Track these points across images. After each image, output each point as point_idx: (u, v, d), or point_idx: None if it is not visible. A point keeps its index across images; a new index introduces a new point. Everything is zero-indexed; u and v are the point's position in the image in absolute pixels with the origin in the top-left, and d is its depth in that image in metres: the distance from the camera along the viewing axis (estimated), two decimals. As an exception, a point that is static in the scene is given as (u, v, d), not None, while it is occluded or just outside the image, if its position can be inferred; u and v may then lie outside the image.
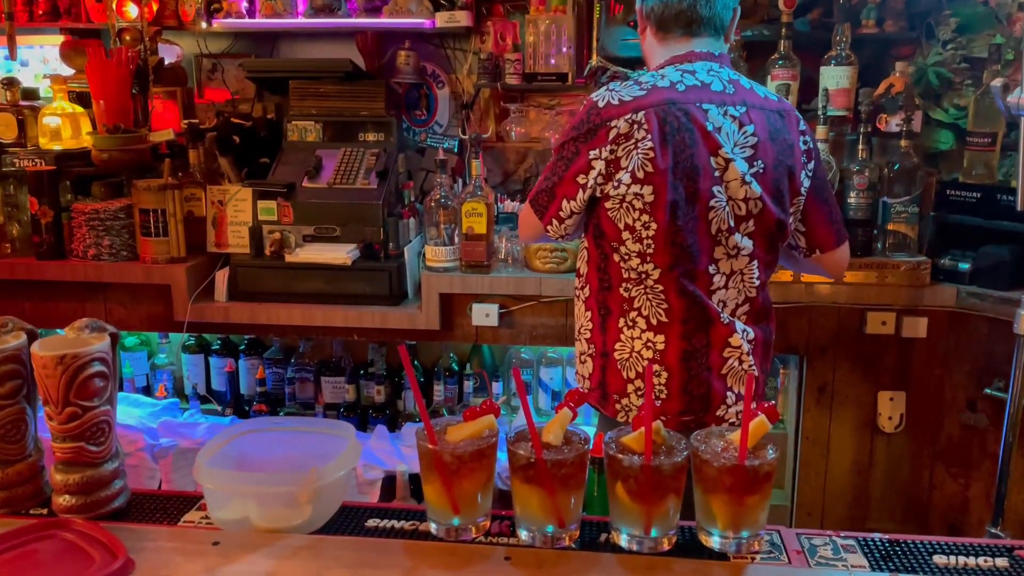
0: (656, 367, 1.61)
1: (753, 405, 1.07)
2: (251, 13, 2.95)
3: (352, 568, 1.02)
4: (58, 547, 1.06)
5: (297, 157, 2.81)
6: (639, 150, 1.53)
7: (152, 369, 3.20)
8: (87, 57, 2.74)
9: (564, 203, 1.62)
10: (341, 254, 2.61)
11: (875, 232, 2.49)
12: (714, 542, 1.08)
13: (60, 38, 3.08)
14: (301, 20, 2.93)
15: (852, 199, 2.45)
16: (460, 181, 2.92)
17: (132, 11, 2.85)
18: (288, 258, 2.66)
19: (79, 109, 2.85)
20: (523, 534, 1.10)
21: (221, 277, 2.71)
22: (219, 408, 3.09)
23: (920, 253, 2.44)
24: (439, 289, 2.57)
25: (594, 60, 2.64)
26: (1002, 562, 1.06)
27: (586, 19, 2.83)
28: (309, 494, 1.11)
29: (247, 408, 3.06)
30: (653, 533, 1.07)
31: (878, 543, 1.10)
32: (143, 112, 2.90)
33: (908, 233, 2.43)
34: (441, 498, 1.09)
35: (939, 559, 1.06)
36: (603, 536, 1.11)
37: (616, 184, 1.55)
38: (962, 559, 1.06)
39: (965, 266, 2.40)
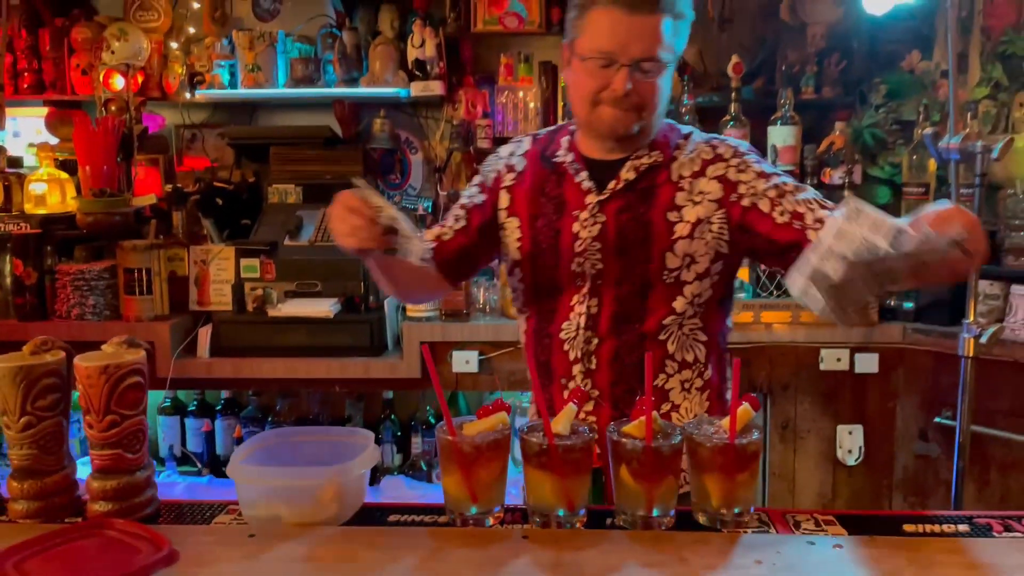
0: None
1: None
2: (233, 84, 3.10)
3: (383, 550, 1.11)
4: (103, 542, 1.13)
5: (278, 218, 2.92)
6: None
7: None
8: (74, 126, 2.86)
9: None
10: (323, 307, 2.71)
11: (826, 276, 2.68)
12: (707, 519, 1.19)
13: (44, 110, 3.19)
14: (282, 91, 3.09)
15: (803, 246, 2.64)
16: (435, 239, 3.06)
17: (118, 83, 2.98)
18: (271, 313, 2.74)
19: (64, 175, 2.94)
20: (536, 520, 1.20)
21: (204, 333, 2.78)
22: (197, 467, 3.11)
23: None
24: (420, 338, 2.68)
25: (561, 122, 2.84)
26: (963, 527, 1.19)
27: (551, 86, 3.05)
28: (335, 490, 1.20)
29: (224, 468, 3.08)
30: (655, 512, 1.18)
31: (854, 517, 1.22)
32: (127, 178, 3.00)
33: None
34: (460, 488, 1.18)
35: (908, 527, 1.19)
36: (608, 520, 1.22)
37: None
38: (928, 526, 1.19)
39: (910, 305, 2.60)
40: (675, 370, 1.51)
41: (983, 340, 1.93)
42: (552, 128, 1.65)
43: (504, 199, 1.58)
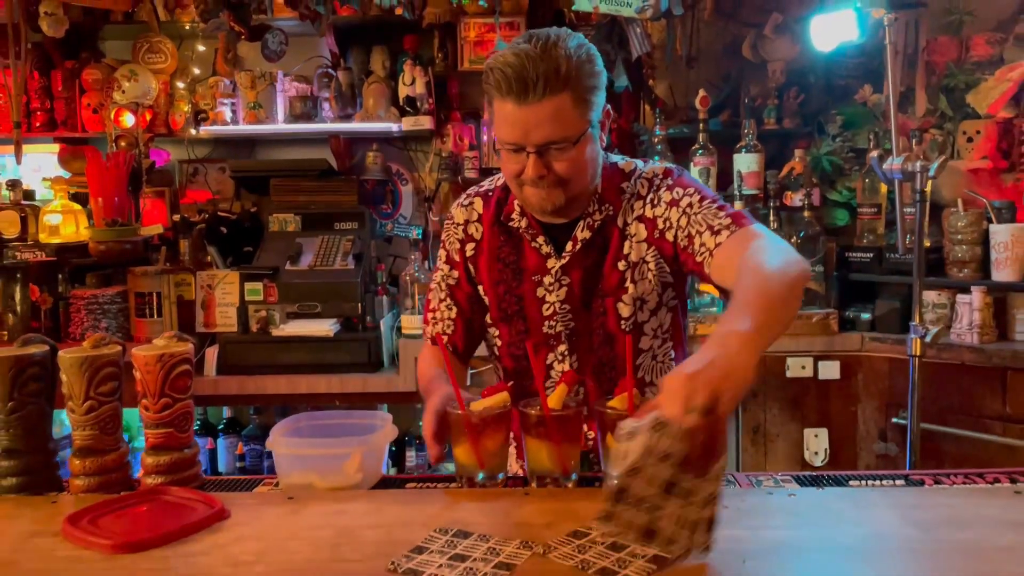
0: None
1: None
2: (235, 121, 3.31)
3: (406, 505, 1.30)
4: (163, 505, 1.31)
5: (279, 245, 3.12)
6: None
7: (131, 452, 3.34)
8: (87, 160, 3.05)
9: None
10: (324, 327, 2.89)
11: (790, 291, 2.92)
12: (684, 479, 1.39)
13: (55, 147, 3.38)
14: (281, 126, 3.30)
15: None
16: (426, 262, 3.26)
17: (128, 120, 3.18)
18: (274, 333, 2.92)
19: (77, 207, 3.12)
20: (535, 483, 1.39)
21: (211, 353, 2.95)
22: (201, 483, 3.24)
23: (828, 306, 2.88)
24: (415, 353, 2.86)
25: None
26: (900, 482, 1.40)
27: (534, 120, 3.28)
28: (360, 459, 1.39)
29: (228, 482, 3.22)
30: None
31: (807, 476, 1.42)
32: (135, 209, 3.19)
33: (817, 289, 2.86)
34: (469, 456, 1.37)
35: (854, 483, 1.40)
36: (597, 484, 1.41)
37: None
38: (871, 482, 1.40)
39: (867, 315, 2.83)
40: (653, 395, 1.55)
41: (927, 339, 2.14)
42: (501, 183, 1.60)
43: (471, 270, 1.62)
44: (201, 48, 3.36)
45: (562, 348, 1.58)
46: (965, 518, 1.20)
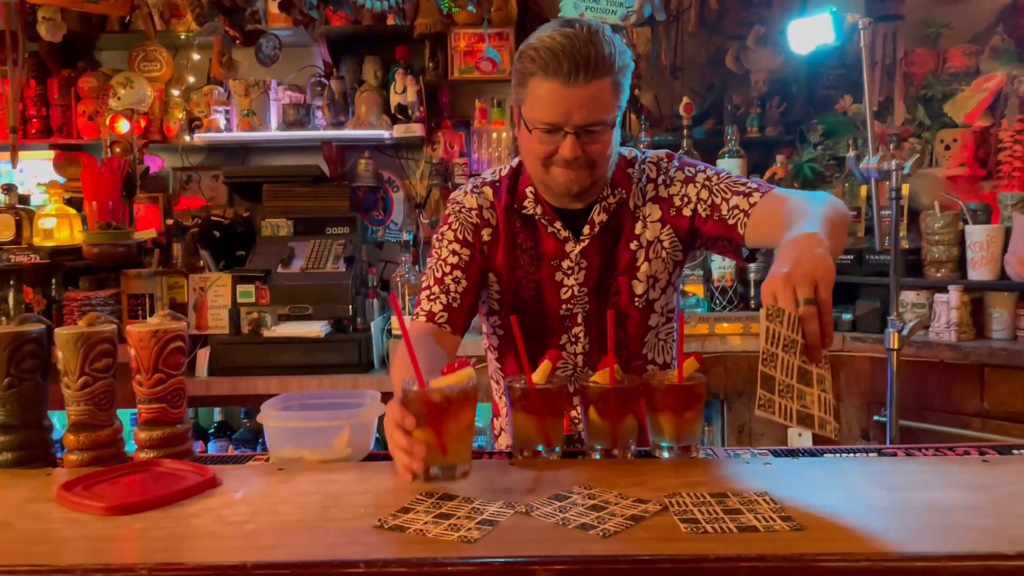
0: None
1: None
2: (228, 128, 3.37)
3: (394, 474, 1.33)
4: (156, 474, 1.34)
5: (271, 249, 3.16)
6: None
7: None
8: (81, 165, 3.09)
9: None
10: (315, 328, 2.93)
11: (773, 293, 2.97)
12: (663, 453, 1.43)
13: (50, 153, 3.42)
14: (274, 133, 3.36)
15: (752, 264, 2.94)
16: (417, 266, 3.31)
17: (123, 126, 3.23)
18: (265, 334, 2.96)
19: (72, 211, 3.16)
20: (520, 455, 1.43)
21: (202, 355, 2.98)
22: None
23: (810, 307, 2.93)
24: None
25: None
26: (873, 455, 1.44)
27: (523, 127, 3.35)
28: (349, 433, 1.42)
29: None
30: (619, 446, 1.42)
31: (782, 449, 1.47)
32: (129, 214, 3.23)
33: (799, 290, 2.91)
34: (428, 440, 1.21)
35: (828, 456, 1.44)
36: (579, 457, 1.45)
37: None
38: (846, 455, 1.44)
39: (848, 316, 2.89)
40: (646, 371, 1.65)
41: (904, 332, 2.20)
42: (508, 172, 1.64)
43: (484, 252, 1.62)
44: (196, 57, 3.43)
45: (577, 330, 1.62)
46: (934, 483, 1.24)
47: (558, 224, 1.58)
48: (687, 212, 1.57)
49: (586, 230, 1.58)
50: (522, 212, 1.60)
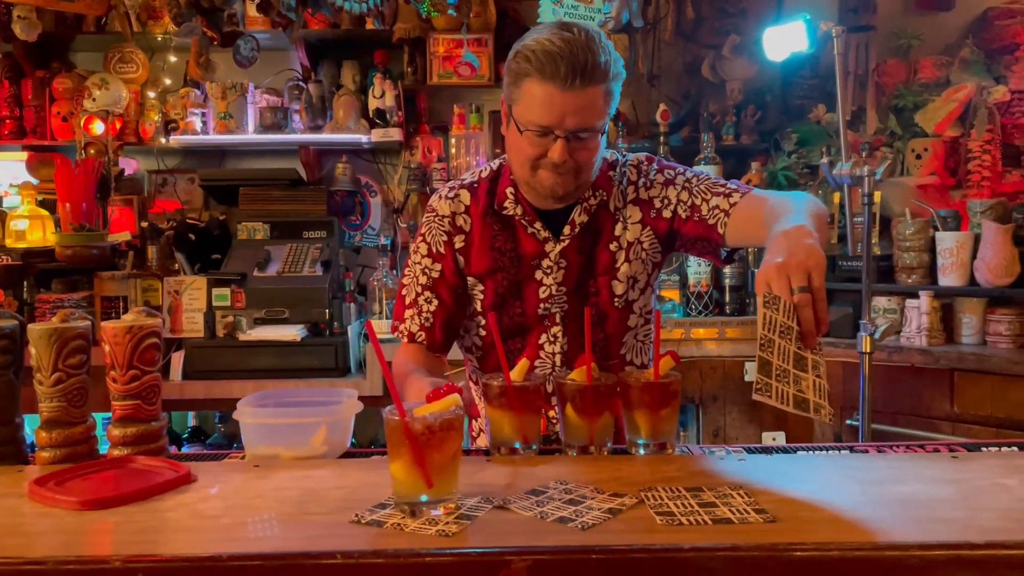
0: None
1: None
2: (205, 131, 3.35)
3: (370, 470, 1.33)
4: (130, 470, 1.33)
5: (247, 252, 3.14)
6: None
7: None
8: (56, 167, 3.06)
9: None
10: (291, 332, 2.92)
11: (747, 299, 3.00)
12: (639, 450, 1.44)
13: (23, 154, 3.38)
14: (252, 136, 3.34)
15: (727, 270, 2.97)
16: (394, 270, 3.31)
17: (98, 128, 3.20)
18: (241, 338, 2.94)
19: (45, 212, 3.12)
20: (498, 453, 1.43)
21: (177, 358, 2.96)
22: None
23: (784, 312, 2.96)
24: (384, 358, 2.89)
25: (510, 163, 3.15)
26: (845, 452, 1.46)
27: (500, 132, 3.36)
28: (326, 430, 1.42)
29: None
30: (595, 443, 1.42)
31: (756, 447, 1.48)
32: (103, 216, 3.20)
33: (773, 296, 2.94)
34: (410, 472, 1.12)
35: (802, 453, 1.46)
36: (556, 454, 1.45)
37: None
38: (820, 452, 1.46)
39: (821, 321, 2.91)
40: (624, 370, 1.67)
41: (876, 336, 2.23)
42: (487, 175, 1.65)
43: (460, 262, 1.62)
44: (173, 59, 3.41)
45: (555, 329, 1.63)
46: (905, 477, 1.26)
47: (538, 225, 1.59)
48: (667, 214, 1.59)
49: (566, 230, 1.59)
50: (502, 213, 1.60)
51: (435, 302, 1.63)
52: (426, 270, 1.64)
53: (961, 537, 0.99)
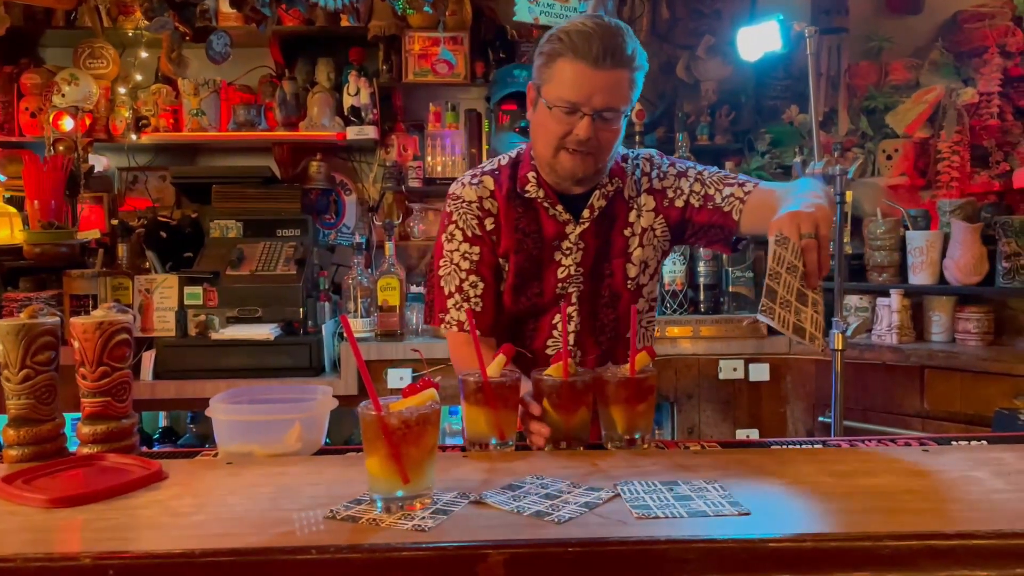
0: None
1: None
2: (177, 128, 3.31)
3: (346, 467, 1.32)
4: (100, 468, 1.31)
5: (220, 251, 3.11)
6: None
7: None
8: (24, 163, 3.01)
9: None
10: (264, 331, 2.89)
11: (721, 297, 3.02)
12: (616, 444, 1.44)
13: (-10, 150, 3.33)
14: (225, 133, 3.31)
15: (702, 269, 2.99)
16: (369, 268, 3.29)
17: (67, 124, 3.16)
18: (213, 336, 2.91)
19: (12, 210, 3.07)
20: (474, 449, 1.42)
21: (147, 357, 2.92)
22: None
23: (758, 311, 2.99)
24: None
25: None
26: (819, 446, 1.48)
27: (476, 130, 3.36)
28: (300, 427, 1.41)
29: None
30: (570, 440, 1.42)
31: (733, 443, 1.49)
32: (72, 214, 3.15)
33: (747, 294, 2.97)
34: (386, 467, 1.11)
35: (776, 447, 1.47)
36: (532, 449, 1.45)
37: None
38: (791, 447, 1.47)
39: (794, 319, 2.94)
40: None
41: (848, 333, 2.25)
42: (507, 161, 1.72)
43: (494, 241, 1.68)
44: (144, 55, 3.37)
45: (570, 309, 1.69)
46: (876, 470, 1.27)
47: (560, 207, 1.66)
48: (679, 203, 1.69)
49: (586, 213, 1.67)
50: (524, 196, 1.67)
51: (480, 285, 1.68)
52: (466, 255, 1.68)
53: (931, 527, 1.00)
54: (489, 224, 1.68)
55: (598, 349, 1.72)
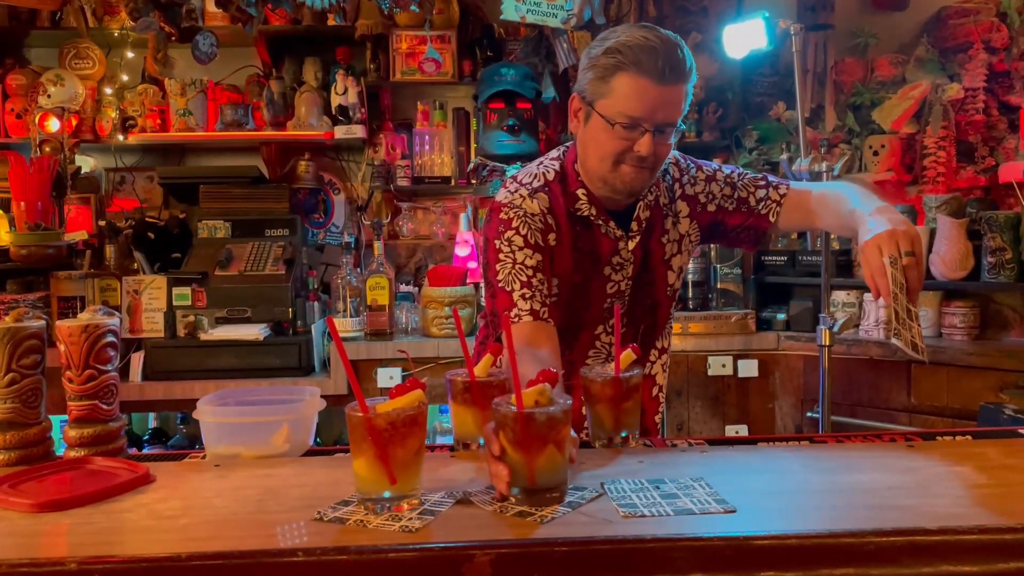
0: None
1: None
2: (164, 128, 3.30)
3: (334, 468, 1.32)
4: (87, 472, 1.30)
5: (208, 251, 3.10)
6: None
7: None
8: (10, 165, 3.00)
9: None
10: (253, 331, 2.89)
11: (710, 293, 3.03)
12: (601, 443, 1.45)
13: (-26, 152, 3.30)
14: (212, 133, 3.30)
15: (690, 266, 2.99)
16: (358, 268, 3.29)
17: (53, 125, 3.14)
18: (202, 337, 2.90)
19: (-2, 211, 3.06)
20: (462, 448, 1.43)
21: (136, 359, 2.91)
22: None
23: (746, 307, 3.00)
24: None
25: (474, 159, 3.14)
26: (805, 443, 1.48)
27: (464, 129, 3.36)
28: (288, 429, 1.41)
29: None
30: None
31: (720, 440, 1.50)
32: (59, 215, 3.14)
33: (735, 291, 2.99)
34: (373, 469, 1.10)
35: (762, 444, 1.47)
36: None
37: None
38: (778, 443, 1.48)
39: (782, 315, 2.96)
40: (656, 356, 1.79)
41: (835, 328, 2.26)
42: (553, 176, 1.64)
43: (551, 259, 1.63)
44: (130, 55, 3.35)
45: (613, 321, 1.64)
46: (862, 466, 1.28)
47: (612, 224, 1.64)
48: (711, 208, 1.71)
49: (634, 227, 1.65)
50: (578, 214, 1.63)
51: (546, 284, 1.59)
52: (528, 257, 1.58)
53: (915, 523, 1.01)
54: (552, 240, 1.62)
55: (644, 353, 1.76)
